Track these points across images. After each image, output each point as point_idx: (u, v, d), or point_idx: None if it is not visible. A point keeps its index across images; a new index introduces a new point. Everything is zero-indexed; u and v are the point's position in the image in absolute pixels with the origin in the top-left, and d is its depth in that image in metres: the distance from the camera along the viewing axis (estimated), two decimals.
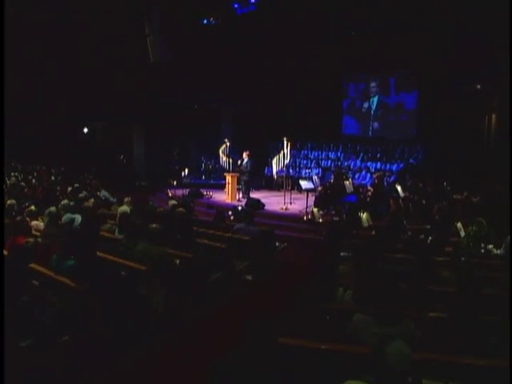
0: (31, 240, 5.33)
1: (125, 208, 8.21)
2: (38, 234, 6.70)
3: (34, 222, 7.25)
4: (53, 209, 7.04)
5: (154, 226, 5.82)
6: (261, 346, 3.43)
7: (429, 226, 8.45)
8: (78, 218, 6.92)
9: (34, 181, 14.83)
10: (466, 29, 13.13)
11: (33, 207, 7.63)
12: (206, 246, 6.87)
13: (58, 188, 13.64)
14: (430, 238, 7.20)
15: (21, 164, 17.83)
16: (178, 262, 5.92)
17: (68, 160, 19.07)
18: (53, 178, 15.94)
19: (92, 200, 9.17)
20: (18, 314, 3.82)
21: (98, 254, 5.81)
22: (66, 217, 6.74)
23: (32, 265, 5.22)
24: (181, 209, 7.80)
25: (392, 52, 15.42)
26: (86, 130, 21.30)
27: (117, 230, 7.14)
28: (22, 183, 12.37)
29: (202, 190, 14.74)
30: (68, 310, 4.51)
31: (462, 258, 5.29)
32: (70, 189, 12.67)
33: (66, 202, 8.27)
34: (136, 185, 19.66)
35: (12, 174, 15.02)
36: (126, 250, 6.00)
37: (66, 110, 19.09)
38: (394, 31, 14.69)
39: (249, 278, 7.42)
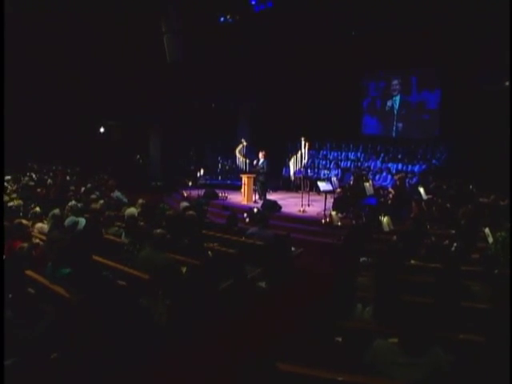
0: (25, 245, 4.97)
1: (132, 210, 7.81)
2: (41, 237, 6.39)
3: (38, 225, 6.94)
4: (56, 211, 6.70)
5: (158, 231, 5.41)
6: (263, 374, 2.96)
7: (454, 231, 7.94)
8: (82, 220, 6.56)
9: (49, 181, 14.64)
10: (492, 23, 12.49)
11: (38, 209, 7.30)
12: (217, 252, 6.45)
13: (73, 188, 13.41)
14: (456, 244, 6.70)
15: (38, 164, 17.70)
16: (184, 269, 5.50)
17: (84, 160, 18.90)
18: (68, 177, 15.72)
19: (101, 201, 8.82)
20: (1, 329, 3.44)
21: (100, 259, 5.45)
22: (69, 220, 6.37)
23: (28, 272, 4.89)
24: (191, 211, 7.38)
25: (414, 49, 14.86)
26: (102, 129, 21.11)
27: (123, 234, 6.77)
28: (32, 183, 12.11)
29: (217, 191, 14.36)
30: (61, 322, 4.12)
31: (496, 271, 4.73)
32: (83, 189, 12.45)
33: (73, 203, 7.93)
34: (152, 185, 19.44)
35: (28, 174, 14.85)
36: (130, 256, 5.62)
37: (82, 109, 18.93)
38: (416, 27, 14.12)
39: (262, 285, 7.00)
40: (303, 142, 12.05)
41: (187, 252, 5.91)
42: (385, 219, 8.03)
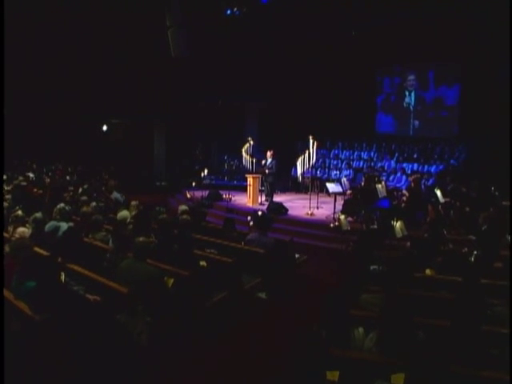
0: None
1: (125, 213, 7.43)
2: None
3: (19, 229, 6.51)
4: (38, 215, 6.30)
5: (141, 239, 4.95)
6: None
7: (474, 238, 7.40)
8: (64, 225, 6.14)
9: (47, 180, 14.36)
10: None
11: (20, 212, 6.89)
12: (210, 260, 5.98)
13: (71, 188, 13.11)
14: (476, 251, 6.19)
15: (37, 163, 17.43)
16: (171, 281, 5.03)
17: (86, 159, 18.62)
18: (68, 177, 15.43)
19: (93, 204, 8.44)
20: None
21: (79, 270, 5.02)
22: (50, 225, 5.97)
23: None
24: (185, 216, 6.94)
25: (431, 41, 14.37)
26: (105, 127, 20.79)
27: (110, 240, 6.33)
28: (24, 183, 11.79)
29: (222, 193, 13.94)
30: (22, 344, 3.69)
31: None
32: (80, 190, 12.14)
33: (61, 205, 7.51)
34: (156, 185, 19.14)
35: (25, 173, 14.56)
36: (112, 266, 5.18)
37: (84, 107, 18.64)
38: (433, 18, 13.56)
39: (262, 296, 6.54)
40: (311, 141, 11.59)
41: (176, 261, 5.46)
42: (397, 224, 7.54)
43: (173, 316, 4.74)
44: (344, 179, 11.88)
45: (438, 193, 9.71)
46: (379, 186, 10.03)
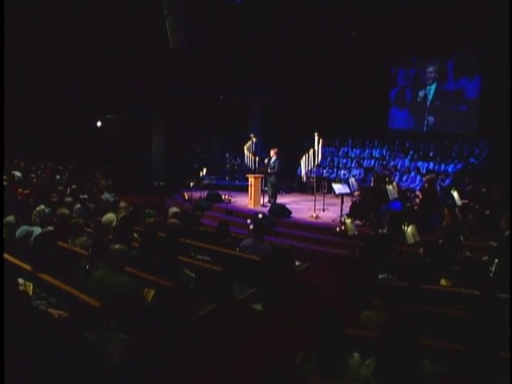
0: None
1: (110, 216, 7.19)
2: None
3: None
4: (10, 218, 6.05)
5: (116, 246, 4.67)
6: None
7: (494, 244, 7.22)
8: (38, 230, 5.89)
9: (35, 180, 14.14)
10: None
11: None
12: (197, 268, 5.71)
13: (61, 188, 12.90)
14: (497, 260, 5.93)
15: (25, 161, 17.22)
16: (152, 293, 4.76)
17: (80, 157, 18.42)
18: (58, 176, 15.21)
19: (78, 205, 8.20)
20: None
21: (48, 279, 4.77)
22: (21, 230, 5.71)
23: None
24: (174, 220, 6.68)
25: (450, 30, 14.04)
26: (99, 123, 20.62)
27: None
28: (5, 183, 11.59)
29: (221, 193, 13.70)
30: None
31: None
32: (68, 190, 11.92)
33: (41, 207, 7.28)
34: (154, 185, 18.98)
35: (12, 172, 14.35)
36: (87, 276, 4.92)
37: (78, 101, 18.47)
38: (451, 4, 13.21)
39: (258, 307, 6.27)
40: (316, 138, 11.32)
41: (159, 270, 5.18)
42: (409, 229, 7.26)
43: (151, 332, 4.46)
44: (352, 179, 11.61)
45: (455, 194, 9.45)
46: (390, 186, 9.74)
